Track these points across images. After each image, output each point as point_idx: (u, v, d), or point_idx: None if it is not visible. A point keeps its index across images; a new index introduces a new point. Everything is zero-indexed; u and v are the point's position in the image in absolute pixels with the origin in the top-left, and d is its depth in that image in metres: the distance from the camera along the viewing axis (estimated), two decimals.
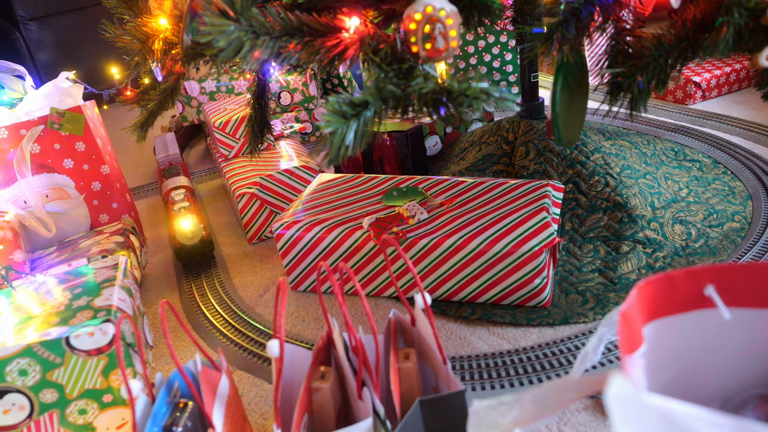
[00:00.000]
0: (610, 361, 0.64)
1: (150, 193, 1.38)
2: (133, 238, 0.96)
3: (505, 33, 1.46)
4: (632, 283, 0.75)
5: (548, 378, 0.63)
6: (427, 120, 1.17)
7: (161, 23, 0.86)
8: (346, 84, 1.55)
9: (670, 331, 0.42)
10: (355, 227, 0.78)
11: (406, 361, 0.50)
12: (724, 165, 1.01)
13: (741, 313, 0.42)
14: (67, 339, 0.59)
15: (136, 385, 0.44)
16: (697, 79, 1.31)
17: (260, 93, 0.88)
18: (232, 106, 1.21)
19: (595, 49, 1.40)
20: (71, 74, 1.02)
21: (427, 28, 0.48)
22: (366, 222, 0.79)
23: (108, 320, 0.61)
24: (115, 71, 1.11)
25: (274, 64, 0.54)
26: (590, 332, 0.69)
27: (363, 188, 0.89)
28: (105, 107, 1.80)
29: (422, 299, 0.50)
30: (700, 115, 1.25)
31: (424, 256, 0.75)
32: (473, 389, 0.63)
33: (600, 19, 0.56)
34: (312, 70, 0.56)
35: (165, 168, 1.30)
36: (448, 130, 1.20)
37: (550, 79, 1.51)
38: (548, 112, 0.66)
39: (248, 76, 1.37)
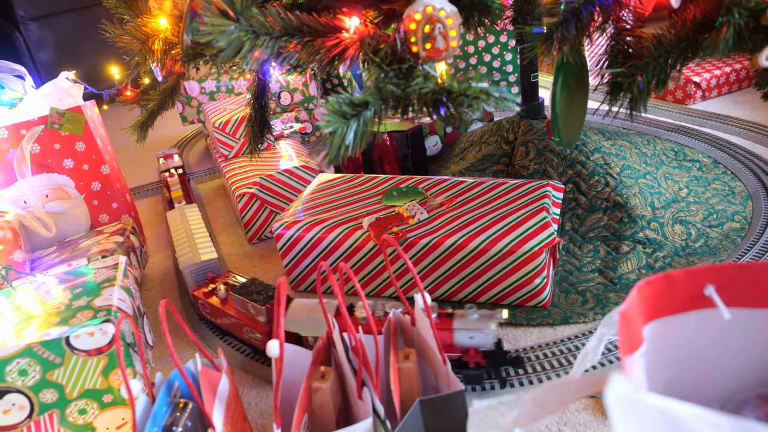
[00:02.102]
0: (610, 361, 0.64)
1: (150, 193, 1.38)
2: (133, 238, 0.96)
3: (505, 33, 1.46)
4: (632, 283, 0.75)
5: (548, 378, 0.63)
6: (427, 120, 1.17)
7: (161, 23, 0.86)
8: (346, 84, 1.55)
9: (670, 331, 0.42)
10: (355, 227, 0.78)
11: (406, 361, 0.51)
12: (724, 165, 1.01)
13: (741, 313, 0.42)
14: (67, 339, 0.59)
15: (136, 385, 0.44)
16: (697, 79, 1.31)
17: (260, 93, 0.88)
18: (232, 106, 1.21)
19: (595, 49, 1.40)
20: (71, 74, 1.02)
21: (427, 28, 0.48)
22: (366, 222, 0.79)
23: (108, 320, 0.61)
24: (115, 71, 1.11)
25: (274, 64, 0.54)
26: (590, 332, 0.69)
27: (363, 188, 0.89)
28: (105, 107, 1.80)
29: (422, 299, 0.50)
30: (700, 115, 1.25)
31: (424, 256, 0.75)
32: (473, 389, 0.63)
33: (600, 19, 0.56)
34: (312, 70, 0.56)
35: (220, 293, 0.76)
36: (448, 130, 1.20)
37: (550, 79, 1.51)
38: (548, 112, 0.66)
39: (248, 76, 1.37)
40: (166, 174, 1.28)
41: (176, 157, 1.36)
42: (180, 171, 1.27)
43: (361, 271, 0.80)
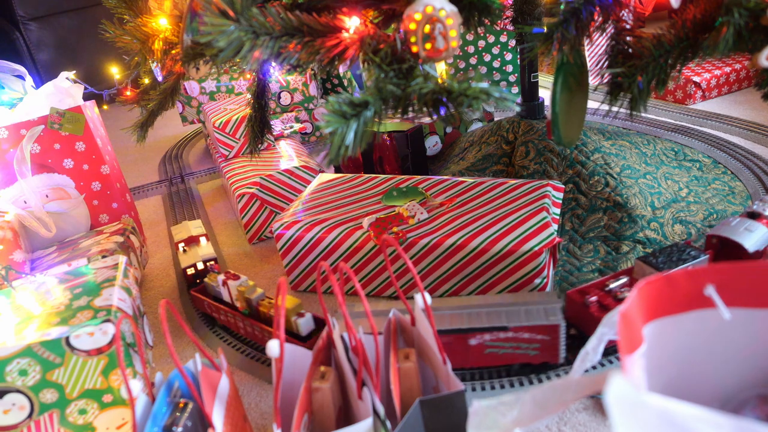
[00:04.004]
0: (610, 362, 0.64)
1: (150, 193, 1.38)
2: (133, 238, 0.96)
3: (505, 33, 1.46)
4: None
5: (548, 378, 0.63)
6: (427, 120, 1.17)
7: (161, 23, 0.86)
8: (346, 84, 1.55)
9: (670, 331, 0.42)
10: (355, 227, 0.78)
11: (406, 361, 0.51)
12: (724, 165, 1.01)
13: (741, 313, 0.42)
14: (67, 339, 0.59)
15: (136, 385, 0.44)
16: (697, 79, 1.31)
17: (260, 93, 0.88)
18: (232, 106, 1.21)
19: (595, 49, 1.40)
20: (71, 74, 1.02)
21: (427, 28, 0.48)
22: (366, 222, 0.79)
23: (108, 320, 0.61)
24: (115, 71, 1.11)
25: (274, 64, 0.54)
26: None
27: (363, 188, 0.89)
28: (105, 107, 1.80)
29: (422, 299, 0.50)
30: (700, 115, 1.25)
31: (424, 256, 0.75)
32: (473, 389, 0.63)
33: (600, 19, 0.56)
34: (312, 70, 0.56)
35: None
36: (448, 130, 1.20)
37: (550, 79, 1.51)
38: (548, 112, 0.66)
39: (248, 76, 1.37)
40: (202, 275, 0.82)
41: (204, 241, 0.87)
42: (212, 263, 0.86)
43: (361, 271, 0.80)
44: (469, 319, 0.63)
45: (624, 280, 0.67)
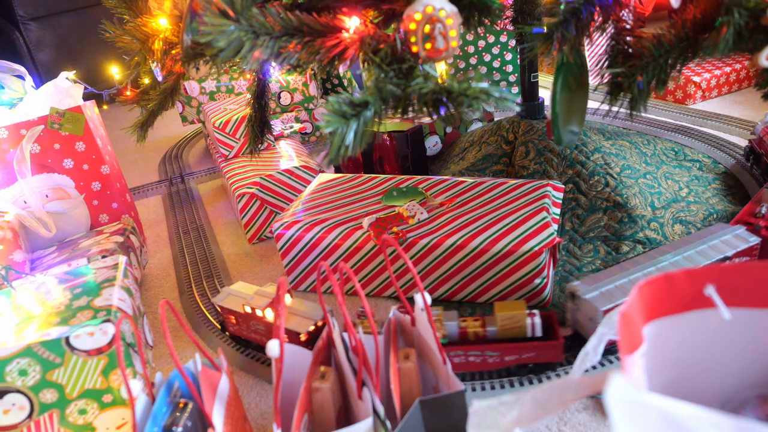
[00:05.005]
0: (610, 362, 0.64)
1: (150, 193, 1.38)
2: (133, 238, 0.96)
3: (505, 33, 1.46)
4: None
5: (548, 378, 0.63)
6: (427, 120, 1.17)
7: (161, 23, 0.86)
8: (346, 84, 1.55)
9: (670, 331, 0.42)
10: (355, 227, 0.78)
11: (406, 361, 0.51)
12: (724, 165, 1.01)
13: (741, 313, 0.42)
14: (67, 339, 0.59)
15: (136, 385, 0.44)
16: (697, 79, 1.31)
17: (260, 93, 0.88)
18: (232, 106, 1.21)
19: (595, 49, 1.40)
20: (71, 74, 1.02)
21: (427, 28, 0.48)
22: (366, 222, 0.79)
23: (108, 320, 0.61)
24: (115, 71, 1.11)
25: (274, 64, 0.54)
26: None
27: (363, 188, 0.89)
28: (105, 107, 1.80)
29: (422, 299, 0.50)
30: (700, 115, 1.25)
31: (424, 256, 0.75)
32: (473, 389, 0.63)
33: (600, 19, 0.56)
34: (312, 70, 0.56)
35: None
36: (448, 130, 1.20)
37: (550, 79, 1.51)
38: (548, 112, 0.66)
39: (248, 76, 1.37)
40: (315, 337, 0.66)
41: (289, 299, 0.70)
42: (315, 327, 0.66)
43: (361, 271, 0.80)
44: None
45: (765, 205, 0.73)
